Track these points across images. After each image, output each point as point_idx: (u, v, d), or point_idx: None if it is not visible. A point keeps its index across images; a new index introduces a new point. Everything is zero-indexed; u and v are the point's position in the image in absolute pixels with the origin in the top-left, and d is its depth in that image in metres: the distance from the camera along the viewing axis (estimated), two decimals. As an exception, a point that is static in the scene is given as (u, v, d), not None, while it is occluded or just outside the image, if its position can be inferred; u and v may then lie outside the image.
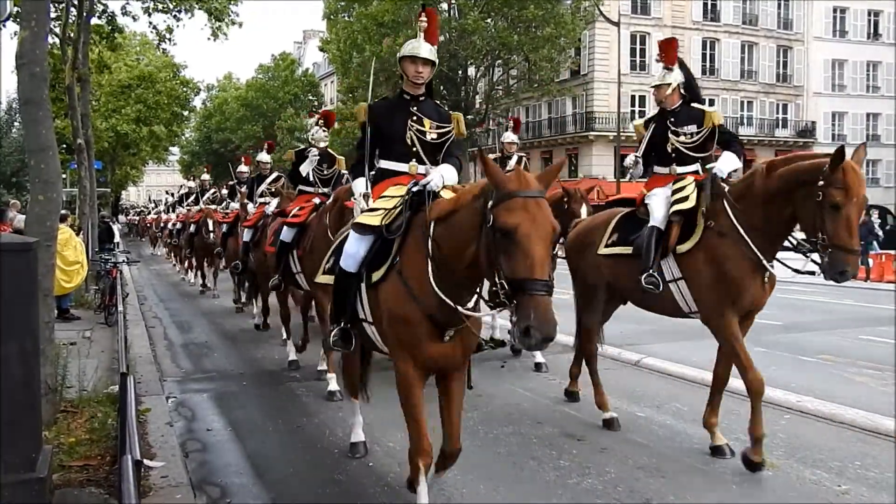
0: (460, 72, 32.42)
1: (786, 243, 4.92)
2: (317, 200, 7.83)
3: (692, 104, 5.67)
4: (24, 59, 5.42)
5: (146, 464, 4.36)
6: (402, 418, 3.93)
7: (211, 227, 14.63)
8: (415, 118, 4.51)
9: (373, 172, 4.61)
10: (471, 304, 3.67)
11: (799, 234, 4.84)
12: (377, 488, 4.62)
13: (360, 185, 4.57)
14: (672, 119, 5.59)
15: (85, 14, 14.93)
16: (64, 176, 21.41)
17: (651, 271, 5.21)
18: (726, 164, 5.40)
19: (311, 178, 8.23)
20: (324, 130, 8.42)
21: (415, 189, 4.03)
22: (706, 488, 4.63)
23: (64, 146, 21.43)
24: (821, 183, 4.37)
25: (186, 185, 24.32)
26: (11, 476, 3.54)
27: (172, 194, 28.09)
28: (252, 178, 12.42)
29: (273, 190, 11.02)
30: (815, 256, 4.61)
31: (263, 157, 12.14)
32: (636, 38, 37.27)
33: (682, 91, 5.67)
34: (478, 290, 3.63)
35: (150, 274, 21.66)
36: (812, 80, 41.05)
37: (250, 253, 10.27)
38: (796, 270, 4.96)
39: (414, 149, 4.51)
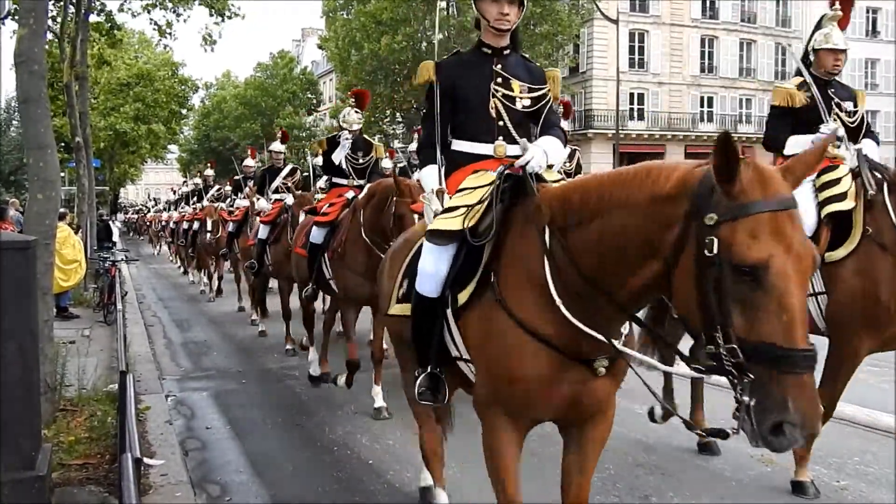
0: (459, 69, 32.41)
1: None
2: (350, 194, 6.88)
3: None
4: (23, 56, 5.41)
5: (146, 462, 4.36)
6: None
7: (209, 227, 14.09)
8: (499, 80, 3.35)
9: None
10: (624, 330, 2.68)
11: None
12: (377, 486, 4.62)
13: (429, 176, 3.42)
14: (832, 90, 4.57)
15: (83, 11, 14.91)
16: (62, 174, 21.40)
17: None
18: (872, 150, 4.44)
19: (345, 168, 7.21)
20: (356, 112, 7.33)
21: (508, 172, 3.01)
22: (705, 485, 4.63)
23: (62, 144, 21.41)
24: None
25: (191, 183, 23.58)
26: (11, 474, 3.53)
27: (175, 191, 27.91)
28: (264, 171, 11.16)
29: (288, 185, 10.22)
30: None
31: (277, 146, 11.08)
32: (635, 35, 37.28)
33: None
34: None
35: (149, 273, 21.64)
36: (811, 77, 41.03)
37: (267, 252, 9.37)
38: None
39: (500, 122, 3.34)
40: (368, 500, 4.43)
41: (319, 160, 11.85)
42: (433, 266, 3.05)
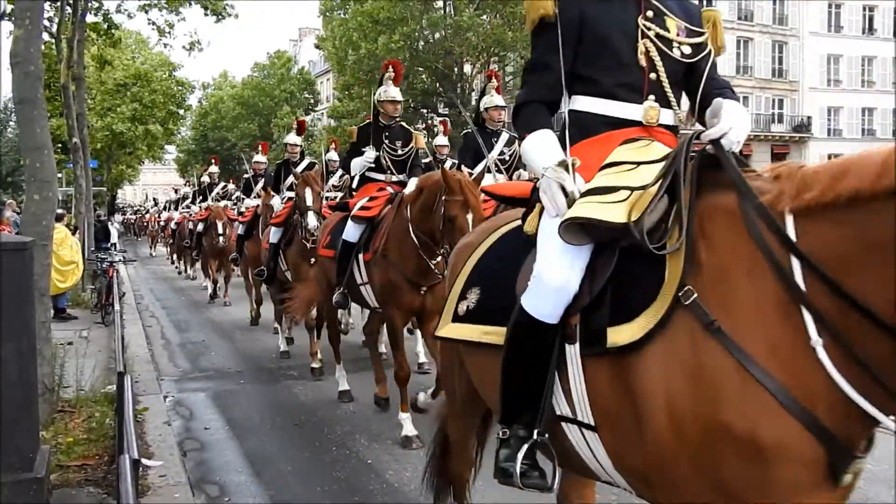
0: (456, 69, 32.40)
1: None
2: (391, 190, 6.14)
3: None
4: (19, 57, 5.39)
5: (144, 463, 4.33)
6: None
7: (221, 230, 13.36)
8: (650, 13, 2.29)
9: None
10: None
11: None
12: (376, 485, 4.62)
13: (540, 145, 2.30)
14: None
15: (80, 12, 14.89)
16: (60, 175, 21.35)
17: None
18: None
19: (383, 162, 6.41)
20: (395, 87, 6.50)
21: (692, 144, 2.06)
22: (704, 483, 4.62)
23: (59, 145, 21.37)
24: None
25: (194, 182, 22.84)
26: (9, 476, 3.53)
27: (176, 191, 27.79)
28: (279, 165, 10.33)
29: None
30: None
31: (292, 138, 10.25)
32: (632, 34, 37.34)
33: None
34: None
35: (146, 273, 21.64)
36: (807, 75, 41.09)
37: (279, 257, 8.58)
38: None
39: (652, 74, 2.29)
40: (368, 500, 4.43)
41: (332, 155, 11.64)
42: (563, 276, 2.03)
